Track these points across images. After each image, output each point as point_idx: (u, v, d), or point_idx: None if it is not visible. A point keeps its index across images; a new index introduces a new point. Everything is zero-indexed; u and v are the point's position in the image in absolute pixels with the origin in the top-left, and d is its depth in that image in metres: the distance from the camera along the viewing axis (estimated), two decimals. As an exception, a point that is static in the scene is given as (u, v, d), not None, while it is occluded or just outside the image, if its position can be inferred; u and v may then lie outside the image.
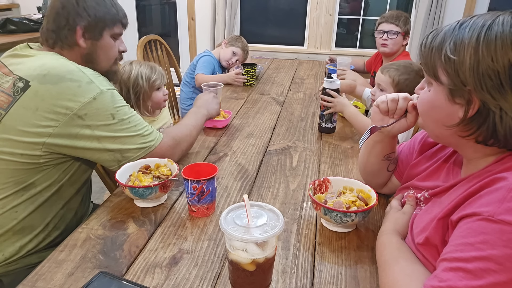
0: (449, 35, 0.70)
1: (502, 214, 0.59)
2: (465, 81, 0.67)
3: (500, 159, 0.71)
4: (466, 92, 0.68)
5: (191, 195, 0.98)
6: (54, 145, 1.02)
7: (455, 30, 0.70)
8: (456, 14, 3.62)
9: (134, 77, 1.65)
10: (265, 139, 1.53)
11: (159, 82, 1.70)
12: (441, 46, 0.71)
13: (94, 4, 1.12)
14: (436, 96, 0.74)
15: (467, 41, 0.67)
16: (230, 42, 2.59)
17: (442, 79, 0.71)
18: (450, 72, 0.69)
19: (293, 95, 2.16)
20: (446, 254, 0.64)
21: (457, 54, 0.68)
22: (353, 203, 0.93)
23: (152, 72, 1.68)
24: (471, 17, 0.71)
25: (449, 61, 0.69)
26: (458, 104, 0.70)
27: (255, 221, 0.74)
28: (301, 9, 4.09)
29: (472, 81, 0.66)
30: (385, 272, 0.74)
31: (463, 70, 0.67)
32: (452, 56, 0.68)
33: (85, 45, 1.13)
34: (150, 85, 1.67)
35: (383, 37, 2.25)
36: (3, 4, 4.01)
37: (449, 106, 0.72)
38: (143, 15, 4.61)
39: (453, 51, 0.68)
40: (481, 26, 0.67)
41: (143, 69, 1.67)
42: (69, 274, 0.79)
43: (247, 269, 0.72)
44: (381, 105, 0.95)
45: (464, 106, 0.69)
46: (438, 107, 0.74)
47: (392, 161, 1.04)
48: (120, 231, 0.94)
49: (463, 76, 0.67)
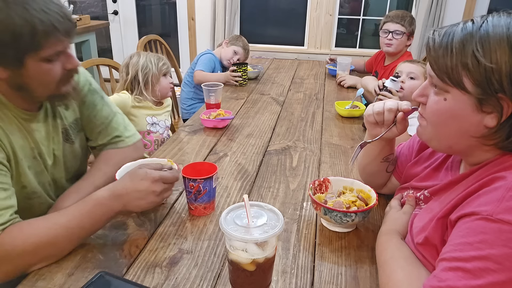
0: (470, 37, 0.65)
1: (501, 213, 0.59)
2: (500, 88, 0.63)
3: (498, 157, 0.71)
4: (497, 99, 0.64)
5: (189, 193, 0.99)
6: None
7: (475, 32, 0.65)
8: (456, 14, 3.62)
9: (143, 61, 1.77)
10: (265, 139, 1.53)
11: (166, 67, 1.82)
12: (465, 51, 0.65)
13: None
14: (459, 105, 0.68)
15: (497, 46, 0.62)
16: (231, 41, 2.60)
17: (468, 87, 0.66)
18: (481, 80, 0.64)
19: (293, 95, 2.16)
20: (445, 254, 0.64)
21: (491, 61, 0.63)
22: (353, 203, 0.93)
23: (160, 59, 1.82)
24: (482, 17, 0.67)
25: (480, 68, 0.64)
26: (484, 112, 0.66)
27: (255, 221, 0.74)
28: (301, 9, 4.09)
29: (509, 89, 0.62)
30: (385, 272, 0.74)
31: (498, 77, 0.63)
32: (485, 63, 0.63)
33: (4, 74, 0.83)
34: (159, 69, 1.79)
35: (388, 36, 2.25)
36: (3, 4, 4.00)
37: (475, 115, 0.67)
38: (143, 15, 4.61)
39: (484, 57, 0.63)
40: (506, 29, 0.63)
41: (151, 57, 1.81)
42: (69, 274, 0.79)
43: (247, 269, 0.72)
44: (368, 118, 0.95)
45: (495, 113, 0.65)
46: (461, 117, 0.69)
47: (391, 162, 1.04)
48: (120, 231, 0.94)
49: (497, 84, 0.63)
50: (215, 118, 1.62)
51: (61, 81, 0.91)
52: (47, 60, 0.84)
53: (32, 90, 0.88)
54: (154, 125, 1.83)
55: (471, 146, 0.72)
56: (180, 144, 1.47)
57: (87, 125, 1.15)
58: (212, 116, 1.63)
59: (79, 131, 1.14)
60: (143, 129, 1.78)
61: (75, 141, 1.11)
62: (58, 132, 1.03)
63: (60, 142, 1.04)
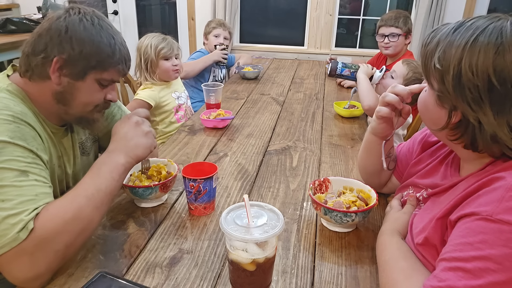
0: (442, 40, 0.70)
1: (501, 213, 0.59)
2: (449, 90, 0.68)
3: (495, 160, 0.71)
4: (451, 100, 0.69)
5: (189, 193, 0.99)
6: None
7: (448, 35, 0.70)
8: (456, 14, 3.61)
9: (145, 46, 1.86)
10: (265, 139, 1.53)
11: (165, 51, 1.87)
12: (434, 52, 0.71)
13: (85, 38, 0.88)
14: (429, 98, 0.76)
15: (454, 51, 0.67)
16: (206, 32, 2.69)
17: (433, 83, 0.73)
18: (438, 79, 0.71)
19: (293, 95, 2.16)
20: (445, 254, 0.64)
21: (444, 63, 0.68)
22: (353, 203, 0.93)
23: (162, 42, 1.88)
24: (469, 20, 0.70)
25: (437, 68, 0.70)
26: (445, 109, 0.72)
27: (255, 221, 0.74)
28: (301, 9, 4.09)
29: (453, 92, 0.68)
30: (385, 272, 0.74)
31: (448, 79, 0.68)
32: (437, 66, 0.69)
33: (59, 81, 0.90)
34: (157, 54, 1.86)
35: (384, 40, 2.25)
36: (3, 4, 4.00)
37: (438, 109, 0.73)
38: (143, 15, 4.60)
39: (442, 60, 0.69)
40: (470, 35, 0.66)
41: (155, 40, 1.87)
42: (69, 274, 0.79)
43: (247, 269, 0.72)
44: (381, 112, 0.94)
45: (453, 112, 0.70)
46: (429, 109, 0.76)
47: (392, 159, 1.04)
48: (120, 231, 0.94)
49: (448, 85, 0.68)
50: (215, 118, 1.62)
51: (97, 107, 0.98)
52: (100, 83, 0.94)
53: (71, 106, 0.94)
54: (180, 98, 2.00)
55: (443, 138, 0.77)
56: (180, 144, 1.47)
57: (105, 135, 1.17)
58: (212, 116, 1.63)
59: (94, 141, 1.17)
60: (174, 105, 1.95)
61: (90, 152, 1.15)
62: (76, 146, 1.07)
63: (78, 156, 1.08)
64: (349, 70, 1.77)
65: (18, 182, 0.77)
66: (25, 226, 0.73)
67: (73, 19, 0.89)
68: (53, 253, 0.76)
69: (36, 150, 0.84)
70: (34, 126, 0.87)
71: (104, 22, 0.93)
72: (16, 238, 0.73)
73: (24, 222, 0.74)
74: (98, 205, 0.83)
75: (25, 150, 0.81)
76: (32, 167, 0.81)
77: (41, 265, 0.75)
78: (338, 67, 1.78)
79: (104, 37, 0.91)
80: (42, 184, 0.81)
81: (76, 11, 0.90)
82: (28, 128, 0.85)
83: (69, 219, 0.78)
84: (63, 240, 0.77)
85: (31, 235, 0.74)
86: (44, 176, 0.83)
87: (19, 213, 0.74)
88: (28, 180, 0.78)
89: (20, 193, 0.76)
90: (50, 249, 0.76)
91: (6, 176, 0.76)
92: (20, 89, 0.91)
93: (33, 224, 0.74)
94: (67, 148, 1.03)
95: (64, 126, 1.01)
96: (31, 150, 0.82)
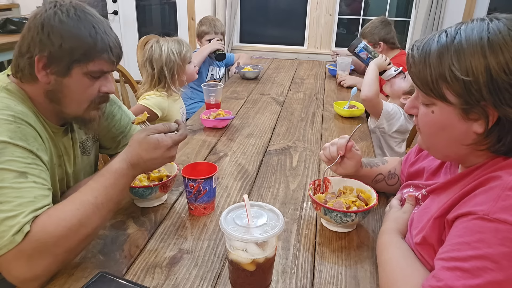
0: (445, 51, 0.66)
1: (497, 212, 0.59)
2: (481, 98, 0.64)
3: (492, 158, 0.71)
4: (481, 106, 0.65)
5: (189, 193, 0.99)
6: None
7: (449, 45, 0.66)
8: (456, 15, 3.61)
9: (166, 53, 1.70)
10: (265, 139, 1.53)
11: (189, 55, 1.77)
12: (442, 65, 0.66)
13: (62, 31, 0.85)
14: (445, 116, 0.69)
15: (472, 58, 0.63)
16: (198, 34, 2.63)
17: (450, 99, 0.67)
18: (462, 92, 0.65)
19: (293, 95, 2.16)
20: (443, 253, 0.64)
21: (467, 73, 0.64)
22: (353, 203, 0.93)
23: (181, 46, 1.75)
24: (453, 27, 0.68)
25: (458, 81, 0.65)
26: (471, 120, 0.67)
27: (255, 221, 0.74)
28: (301, 9, 4.09)
29: (489, 97, 0.63)
30: (385, 272, 0.74)
31: (477, 88, 0.63)
32: (462, 77, 0.64)
33: (47, 80, 0.88)
34: (182, 59, 1.74)
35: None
36: (3, 4, 4.01)
37: (462, 124, 0.68)
38: (143, 15, 4.60)
39: (461, 70, 0.64)
40: (478, 37, 0.64)
41: (172, 44, 1.73)
42: (69, 274, 0.80)
43: (247, 269, 0.72)
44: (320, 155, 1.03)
45: (482, 120, 0.66)
46: (450, 127, 0.70)
47: (387, 177, 1.07)
48: (120, 231, 0.94)
49: (478, 94, 0.64)
50: (215, 118, 1.62)
51: (93, 103, 0.95)
52: (89, 76, 0.91)
53: (65, 105, 0.92)
54: (183, 115, 1.89)
55: (465, 153, 0.72)
56: (180, 144, 1.47)
57: (105, 135, 1.17)
58: (212, 116, 1.63)
59: (95, 141, 1.17)
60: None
61: (91, 152, 1.14)
62: (76, 145, 1.07)
63: (78, 155, 1.08)
64: (366, 54, 1.74)
65: (17, 184, 0.77)
66: (20, 229, 0.73)
67: (48, 14, 0.86)
68: (52, 257, 0.76)
69: (36, 150, 0.84)
70: (35, 126, 0.87)
71: (82, 12, 0.88)
72: (12, 241, 0.73)
73: (20, 224, 0.73)
74: (104, 214, 0.83)
75: (25, 151, 0.81)
76: (31, 168, 0.81)
77: (39, 268, 0.75)
78: (358, 46, 1.74)
79: (83, 27, 0.87)
80: (41, 186, 0.81)
81: (52, 5, 0.87)
82: (29, 128, 0.85)
83: (74, 227, 0.77)
84: (65, 245, 0.77)
85: (29, 238, 0.73)
86: (44, 178, 0.83)
87: (17, 215, 0.74)
88: (27, 182, 0.78)
89: (19, 195, 0.76)
90: (49, 253, 0.75)
91: (5, 177, 0.76)
92: (20, 88, 0.91)
93: (29, 227, 0.74)
94: (67, 147, 1.03)
95: (64, 125, 1.01)
96: (31, 150, 0.82)
